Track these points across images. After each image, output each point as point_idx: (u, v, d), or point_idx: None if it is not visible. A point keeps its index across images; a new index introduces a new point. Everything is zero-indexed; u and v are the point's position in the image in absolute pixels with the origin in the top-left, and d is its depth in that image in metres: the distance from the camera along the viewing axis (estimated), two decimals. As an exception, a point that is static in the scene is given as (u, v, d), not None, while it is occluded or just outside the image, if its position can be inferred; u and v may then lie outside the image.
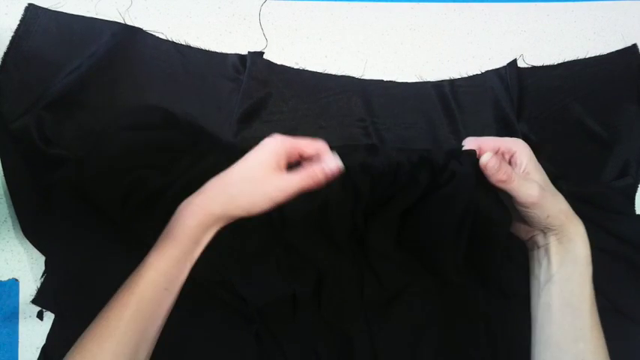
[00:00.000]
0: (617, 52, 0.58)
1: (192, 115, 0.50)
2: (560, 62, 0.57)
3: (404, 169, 0.45)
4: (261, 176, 0.41)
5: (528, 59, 0.57)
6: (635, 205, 0.54)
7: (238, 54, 0.53)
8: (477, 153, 0.44)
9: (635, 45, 0.58)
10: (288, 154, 0.42)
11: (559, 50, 0.58)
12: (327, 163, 0.42)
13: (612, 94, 0.56)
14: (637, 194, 0.54)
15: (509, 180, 0.42)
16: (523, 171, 0.44)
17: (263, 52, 0.53)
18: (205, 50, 0.53)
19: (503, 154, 0.45)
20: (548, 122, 0.55)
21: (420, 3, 0.58)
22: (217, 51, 0.54)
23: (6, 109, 0.47)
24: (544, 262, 0.44)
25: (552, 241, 0.44)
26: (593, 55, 0.58)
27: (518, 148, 0.44)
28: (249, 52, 0.53)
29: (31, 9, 0.51)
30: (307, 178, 0.41)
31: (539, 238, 0.45)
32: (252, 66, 0.52)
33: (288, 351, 0.46)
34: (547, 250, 0.44)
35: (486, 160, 0.42)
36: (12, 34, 0.50)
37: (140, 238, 0.44)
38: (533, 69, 0.56)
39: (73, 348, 0.37)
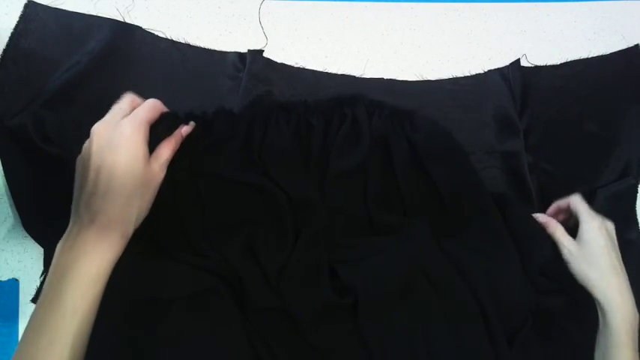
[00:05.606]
0: (619, 52, 0.58)
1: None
2: (562, 62, 0.57)
3: None
4: None
5: (528, 59, 0.57)
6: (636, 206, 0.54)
7: (238, 52, 0.53)
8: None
9: (637, 45, 0.58)
10: None
11: (559, 50, 0.58)
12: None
13: (614, 95, 0.56)
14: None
15: (552, 229, 0.48)
16: (579, 235, 0.47)
17: (262, 50, 0.53)
18: (205, 48, 0.53)
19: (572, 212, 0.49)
20: (550, 121, 0.55)
21: (420, 3, 0.58)
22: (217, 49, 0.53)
23: (5, 106, 0.47)
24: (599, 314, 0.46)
25: (598, 305, 0.45)
26: (595, 55, 0.58)
27: (585, 222, 0.47)
28: (248, 50, 0.53)
29: (30, 6, 0.51)
30: None
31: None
32: (252, 64, 0.52)
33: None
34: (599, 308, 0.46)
35: (539, 215, 0.49)
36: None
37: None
38: (536, 68, 0.56)
39: None
